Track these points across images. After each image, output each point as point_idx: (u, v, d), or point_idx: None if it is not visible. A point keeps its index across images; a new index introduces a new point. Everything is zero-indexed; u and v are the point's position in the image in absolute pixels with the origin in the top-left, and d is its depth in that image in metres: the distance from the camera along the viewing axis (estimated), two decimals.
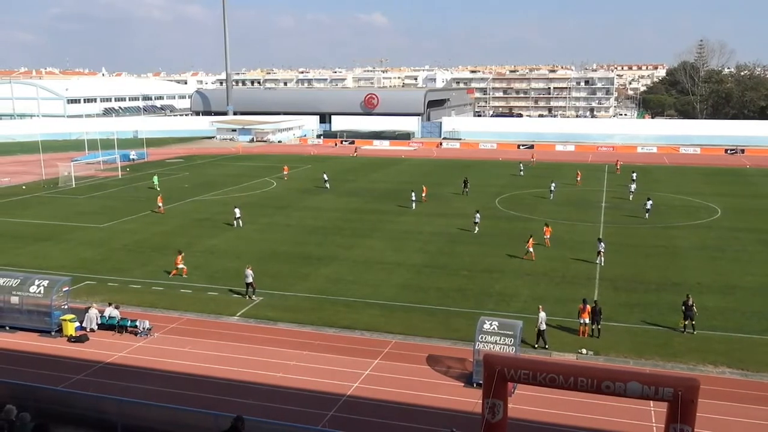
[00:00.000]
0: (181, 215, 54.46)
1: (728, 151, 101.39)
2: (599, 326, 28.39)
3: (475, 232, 46.93)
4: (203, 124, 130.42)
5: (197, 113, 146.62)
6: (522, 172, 77.42)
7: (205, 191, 66.10)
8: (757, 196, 63.89)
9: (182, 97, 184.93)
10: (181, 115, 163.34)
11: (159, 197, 57.32)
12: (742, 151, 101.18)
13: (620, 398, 17.16)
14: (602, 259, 39.16)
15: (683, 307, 28.79)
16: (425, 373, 25.15)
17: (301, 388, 23.85)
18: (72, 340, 28.13)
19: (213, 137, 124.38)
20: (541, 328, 27.23)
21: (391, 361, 26.09)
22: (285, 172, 75.35)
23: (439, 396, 23.32)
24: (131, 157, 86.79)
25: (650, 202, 52.30)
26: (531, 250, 40.37)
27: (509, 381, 17.65)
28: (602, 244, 39.67)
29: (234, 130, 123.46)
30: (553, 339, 28.12)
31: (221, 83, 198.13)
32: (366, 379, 24.56)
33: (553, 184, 62.44)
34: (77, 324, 28.67)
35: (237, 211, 50.13)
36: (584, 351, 26.99)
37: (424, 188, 60.26)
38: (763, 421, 21.48)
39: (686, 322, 28.63)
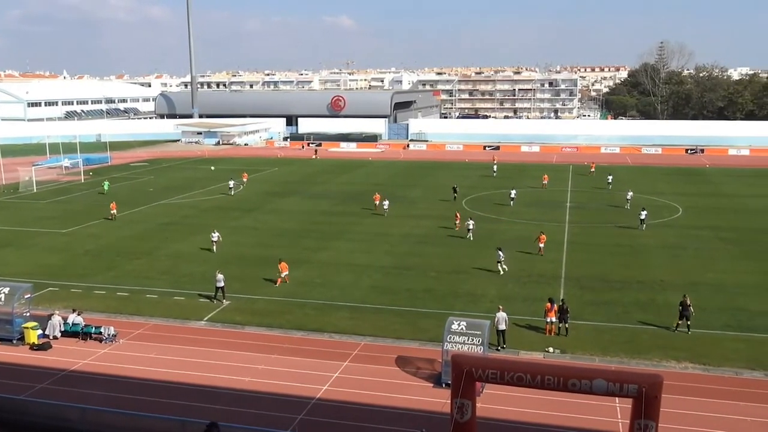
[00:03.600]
0: (147, 219, 53.73)
1: (688, 151, 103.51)
2: (567, 325, 28.76)
3: (467, 237, 45.56)
4: (168, 128, 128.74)
5: (162, 116, 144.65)
6: (495, 173, 77.65)
7: (171, 195, 65.32)
8: (717, 194, 65.35)
9: (146, 100, 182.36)
10: (145, 118, 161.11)
11: (112, 204, 54.43)
12: (702, 150, 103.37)
13: (587, 395, 17.41)
14: (502, 267, 37.79)
15: (680, 307, 29.17)
16: (394, 375, 25.20)
17: (269, 392, 23.73)
18: (34, 348, 27.57)
19: (178, 140, 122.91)
20: (500, 328, 27.44)
21: (361, 363, 26.11)
22: (244, 179, 72.13)
23: (408, 397, 23.39)
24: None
25: (645, 212, 49.57)
26: (542, 245, 41.02)
27: (477, 381, 17.80)
28: (501, 253, 38.09)
29: (199, 133, 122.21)
30: (520, 338, 28.43)
31: (186, 86, 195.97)
32: (335, 382, 24.53)
33: (513, 191, 59.87)
34: (40, 331, 28.11)
35: (216, 235, 43.79)
36: (551, 349, 27.31)
37: (377, 196, 56.98)
38: (725, 414, 22.00)
39: (680, 322, 29.05)
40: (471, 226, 46.16)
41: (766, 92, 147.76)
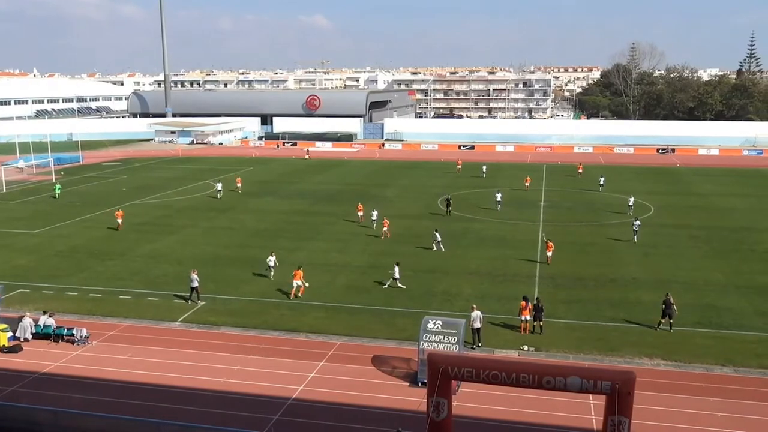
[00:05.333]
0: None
1: (660, 151, 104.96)
2: (541, 323, 29.02)
3: (434, 250, 42.60)
4: (141, 127, 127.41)
5: (135, 115, 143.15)
6: (484, 174, 77.11)
7: (144, 195, 64.63)
8: (687, 193, 66.36)
9: (119, 98, 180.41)
10: (117, 117, 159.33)
11: (118, 212, 50.64)
12: (673, 150, 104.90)
13: (561, 392, 17.60)
14: (398, 285, 35.40)
15: (663, 305, 29.50)
16: (371, 374, 25.23)
17: (245, 392, 23.61)
18: (5, 350, 27.13)
19: (151, 140, 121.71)
20: (475, 326, 27.63)
21: (337, 363, 26.09)
22: (238, 184, 68.04)
23: (384, 396, 23.44)
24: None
25: (638, 222, 46.53)
26: (549, 254, 39.92)
27: (453, 379, 17.90)
28: (397, 268, 35.69)
29: (173, 133, 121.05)
30: (495, 336, 28.63)
31: (159, 84, 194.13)
32: (311, 382, 24.49)
33: (499, 195, 57.22)
34: (10, 334, 27.65)
35: (273, 258, 37.85)
36: (526, 347, 27.54)
37: (360, 206, 53.43)
38: (696, 410, 22.37)
39: (663, 320, 29.41)
40: (438, 238, 43.02)
41: (735, 93, 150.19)
